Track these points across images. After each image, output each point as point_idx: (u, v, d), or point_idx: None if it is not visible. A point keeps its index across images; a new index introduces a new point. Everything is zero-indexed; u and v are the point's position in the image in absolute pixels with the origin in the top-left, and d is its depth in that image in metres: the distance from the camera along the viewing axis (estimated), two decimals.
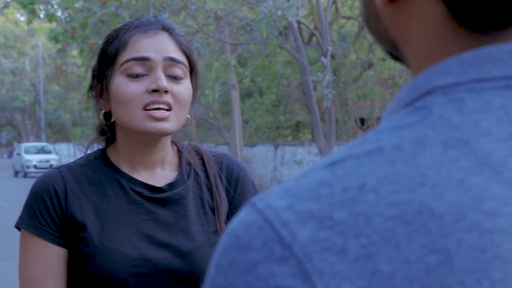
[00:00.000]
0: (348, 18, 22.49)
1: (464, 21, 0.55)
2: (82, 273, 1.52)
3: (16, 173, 35.06)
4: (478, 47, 0.55)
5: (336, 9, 21.06)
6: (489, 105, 0.52)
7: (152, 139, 1.58)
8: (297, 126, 27.59)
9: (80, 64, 27.93)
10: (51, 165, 33.73)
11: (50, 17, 21.60)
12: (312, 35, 19.59)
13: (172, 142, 1.68)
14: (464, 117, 0.52)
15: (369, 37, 22.88)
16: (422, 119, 0.53)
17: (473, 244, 0.47)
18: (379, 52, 22.40)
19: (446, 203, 0.48)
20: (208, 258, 1.57)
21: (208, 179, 1.66)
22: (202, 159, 1.69)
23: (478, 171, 0.50)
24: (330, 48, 14.08)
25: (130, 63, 1.54)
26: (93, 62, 1.66)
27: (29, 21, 24.30)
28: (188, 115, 1.61)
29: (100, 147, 1.68)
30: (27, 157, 33.83)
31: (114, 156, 1.63)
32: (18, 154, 35.01)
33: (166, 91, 1.52)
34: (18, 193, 22.77)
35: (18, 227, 1.57)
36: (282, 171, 21.36)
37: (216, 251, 0.54)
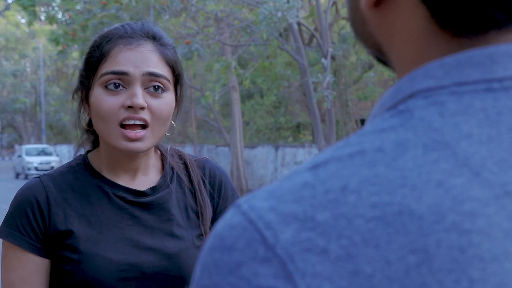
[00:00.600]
0: (349, 19, 22.45)
1: (446, 24, 0.55)
2: (69, 280, 1.52)
3: (17, 175, 35.06)
4: (460, 51, 0.56)
5: (337, 11, 21.06)
6: (470, 108, 0.53)
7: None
8: (298, 128, 27.59)
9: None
10: (52, 167, 33.74)
11: (51, 19, 21.63)
12: (312, 36, 19.60)
13: (155, 146, 1.67)
14: (445, 120, 0.53)
15: None
16: (404, 122, 0.54)
17: (452, 244, 0.48)
18: None
19: (426, 204, 0.49)
20: (194, 260, 1.57)
21: (192, 183, 1.66)
22: (185, 163, 1.69)
23: (458, 173, 0.50)
24: (330, 49, 14.09)
25: (109, 76, 1.52)
26: (80, 65, 1.65)
27: (30, 23, 24.32)
28: (172, 122, 1.61)
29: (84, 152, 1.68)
30: (28, 159, 33.83)
31: (97, 162, 1.62)
32: (19, 156, 35.01)
33: (142, 108, 1.51)
34: None
35: None
36: (283, 173, 21.35)
37: (202, 252, 0.55)
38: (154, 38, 1.57)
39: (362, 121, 24.71)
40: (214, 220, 1.65)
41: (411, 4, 0.57)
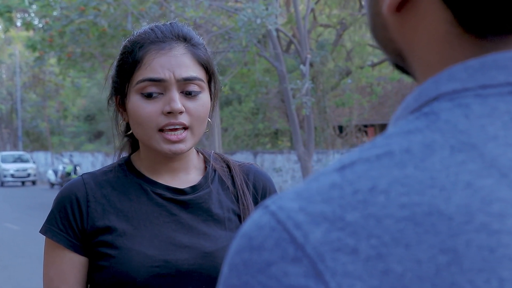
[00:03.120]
0: (326, 26, 22.59)
1: (470, 27, 0.56)
2: (103, 275, 1.54)
3: None
4: (482, 54, 0.57)
5: (314, 17, 21.14)
6: (495, 110, 0.54)
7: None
8: (276, 134, 27.62)
9: (57, 72, 27.76)
10: (29, 174, 33.51)
11: (27, 26, 21.49)
12: (290, 43, 19.65)
13: (198, 150, 1.70)
14: (471, 122, 0.54)
15: (347, 45, 22.99)
16: (430, 124, 0.55)
17: (482, 244, 0.49)
18: (357, 60, 22.52)
19: (455, 205, 0.50)
20: None
21: (235, 186, 1.67)
22: (228, 166, 1.71)
23: (485, 174, 0.51)
24: (308, 56, 14.15)
25: (145, 83, 1.54)
26: (111, 72, 1.66)
27: (6, 29, 24.16)
28: (209, 119, 1.63)
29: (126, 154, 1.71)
30: (4, 166, 33.56)
31: (138, 163, 1.65)
32: None
33: (180, 112, 1.53)
34: None
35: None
36: None
37: (229, 252, 0.55)
38: (185, 39, 1.59)
39: (340, 128, 24.79)
40: None
41: (434, 8, 0.57)
